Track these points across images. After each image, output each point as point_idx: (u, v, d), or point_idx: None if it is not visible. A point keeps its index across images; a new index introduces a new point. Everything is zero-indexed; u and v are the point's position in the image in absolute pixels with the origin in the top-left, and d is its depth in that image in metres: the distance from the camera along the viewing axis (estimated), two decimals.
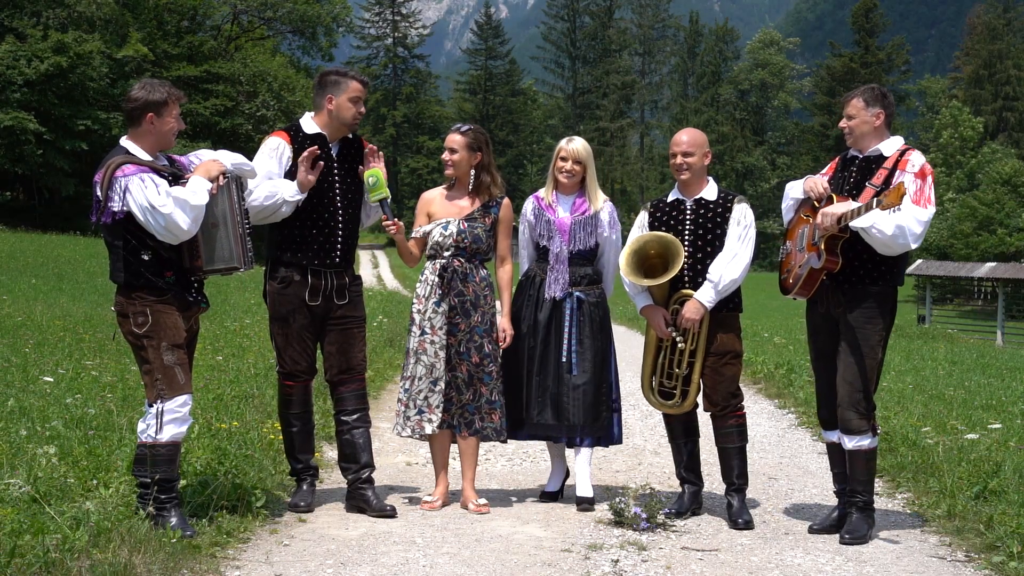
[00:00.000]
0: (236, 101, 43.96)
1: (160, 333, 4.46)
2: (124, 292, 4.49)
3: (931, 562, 4.55)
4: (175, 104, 4.55)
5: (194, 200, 4.39)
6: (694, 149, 5.28)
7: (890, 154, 4.89)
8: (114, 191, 4.35)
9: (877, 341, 4.89)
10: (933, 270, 39.98)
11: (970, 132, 63.24)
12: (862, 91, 5.02)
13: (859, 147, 5.01)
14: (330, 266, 5.20)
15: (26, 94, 36.41)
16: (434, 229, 5.40)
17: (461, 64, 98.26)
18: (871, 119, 4.94)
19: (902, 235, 4.68)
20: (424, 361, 5.30)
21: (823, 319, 5.05)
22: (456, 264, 5.34)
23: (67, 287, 17.72)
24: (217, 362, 8.93)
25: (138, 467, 4.44)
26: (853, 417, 4.87)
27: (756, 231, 5.35)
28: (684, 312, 5.18)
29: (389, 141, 74.94)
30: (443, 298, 5.30)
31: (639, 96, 78.28)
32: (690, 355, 5.24)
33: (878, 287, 4.88)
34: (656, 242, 5.22)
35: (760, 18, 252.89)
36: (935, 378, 11.58)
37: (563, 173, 5.52)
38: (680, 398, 5.30)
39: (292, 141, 5.17)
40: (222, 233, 4.57)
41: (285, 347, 5.24)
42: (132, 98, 4.51)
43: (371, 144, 5.35)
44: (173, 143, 4.63)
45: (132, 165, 4.40)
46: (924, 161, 4.84)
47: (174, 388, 4.46)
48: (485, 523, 5.07)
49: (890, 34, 78.91)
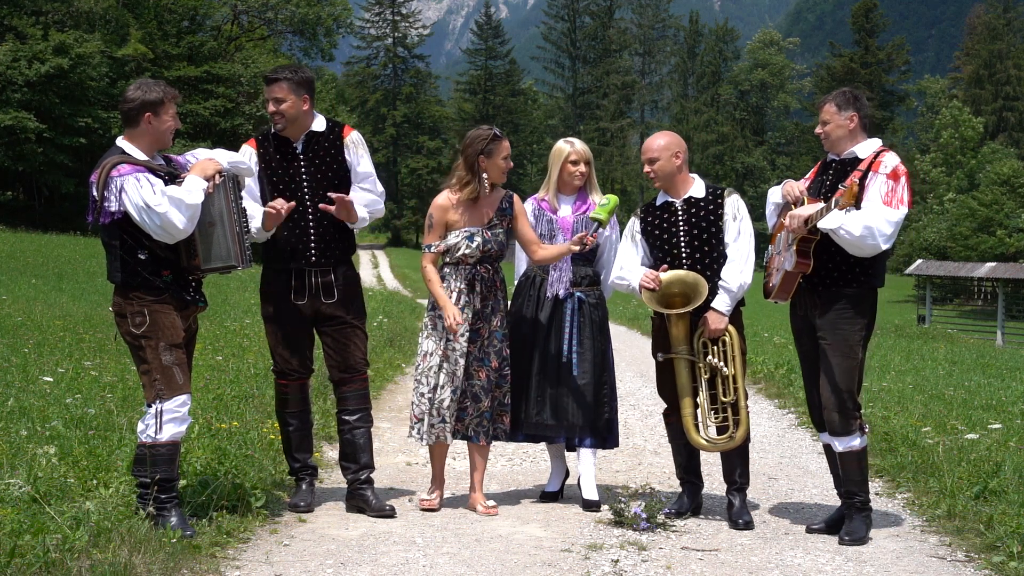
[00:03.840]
0: (236, 102, 43.94)
1: (158, 333, 4.45)
2: (122, 292, 4.49)
3: (931, 562, 4.55)
4: (171, 103, 4.54)
5: (189, 199, 4.38)
6: (658, 154, 5.22)
7: (865, 156, 4.89)
8: (110, 191, 4.35)
9: (856, 342, 4.87)
10: (933, 270, 39.98)
11: (970, 132, 63.24)
12: (834, 95, 5.02)
13: (835, 151, 5.01)
14: (307, 265, 5.16)
15: (26, 94, 36.41)
16: (459, 242, 5.26)
17: (461, 64, 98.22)
18: (845, 122, 4.94)
19: (871, 236, 4.68)
20: (447, 368, 5.24)
21: (803, 322, 5.06)
22: (483, 271, 5.29)
23: (67, 287, 17.71)
24: (217, 362, 8.93)
25: (138, 467, 4.44)
26: (838, 419, 4.86)
27: (757, 233, 5.33)
28: (707, 325, 5.11)
29: (389, 141, 74.99)
30: (468, 305, 5.25)
31: (639, 96, 78.24)
32: (733, 379, 5.10)
33: (853, 289, 4.86)
34: (679, 282, 5.13)
35: (760, 18, 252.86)
36: (935, 378, 11.58)
37: (576, 177, 5.50)
38: (734, 428, 5.12)
39: (258, 146, 5.20)
40: (219, 232, 4.55)
41: (275, 345, 5.26)
42: (128, 98, 4.50)
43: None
44: (170, 142, 4.62)
45: (128, 165, 4.39)
46: (898, 162, 4.82)
47: (173, 388, 4.45)
48: (485, 523, 5.07)
49: (890, 34, 78.88)
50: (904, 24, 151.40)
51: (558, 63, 79.19)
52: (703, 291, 5.07)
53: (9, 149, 36.28)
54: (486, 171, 5.25)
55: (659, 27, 79.49)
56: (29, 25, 37.64)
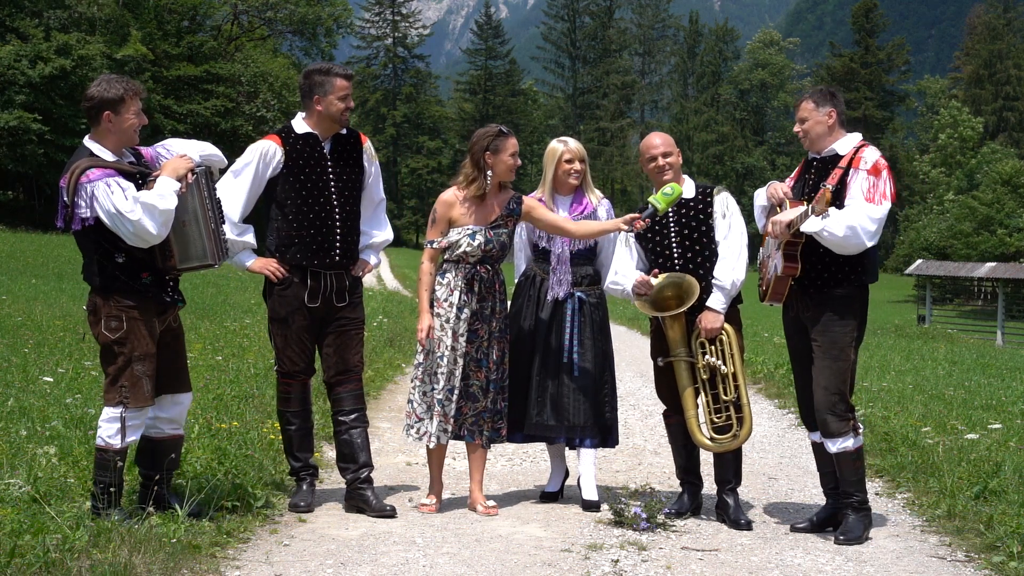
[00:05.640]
0: (236, 102, 43.96)
1: (133, 342, 4.40)
2: (100, 294, 4.41)
3: (931, 562, 4.55)
4: (133, 100, 4.42)
5: (162, 204, 4.29)
6: (671, 149, 5.27)
7: (845, 152, 4.89)
8: (80, 197, 4.27)
9: (848, 343, 4.87)
10: (933, 270, 39.99)
11: (970, 132, 63.26)
12: (811, 93, 5.03)
13: (815, 149, 5.01)
14: (330, 266, 5.18)
15: (28, 95, 36.41)
16: (460, 239, 5.24)
17: (461, 64, 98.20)
18: (823, 119, 4.94)
19: (855, 235, 4.67)
20: (444, 368, 5.22)
21: (794, 322, 5.06)
22: (482, 271, 5.29)
23: (67, 287, 17.71)
24: (217, 362, 8.93)
25: (100, 471, 4.39)
26: (832, 420, 4.86)
27: (751, 233, 5.33)
28: (704, 324, 5.11)
29: (389, 141, 74.98)
30: (467, 305, 5.25)
31: (639, 96, 78.26)
32: (733, 377, 5.10)
33: (843, 289, 4.86)
34: (671, 284, 5.14)
35: (760, 18, 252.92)
36: (935, 378, 11.58)
37: (572, 175, 5.50)
38: (737, 426, 5.13)
39: (284, 143, 5.16)
40: (193, 230, 4.49)
41: (284, 347, 5.24)
42: (87, 96, 4.40)
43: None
44: (136, 139, 4.53)
45: (97, 169, 4.30)
46: (878, 157, 4.82)
47: (138, 398, 4.41)
48: (485, 523, 5.07)
49: (890, 34, 78.96)
50: (904, 24, 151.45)
51: (558, 63, 79.21)
52: (695, 291, 5.08)
53: (11, 150, 36.28)
54: (492, 168, 5.24)
55: (659, 27, 79.53)
56: (32, 27, 37.65)
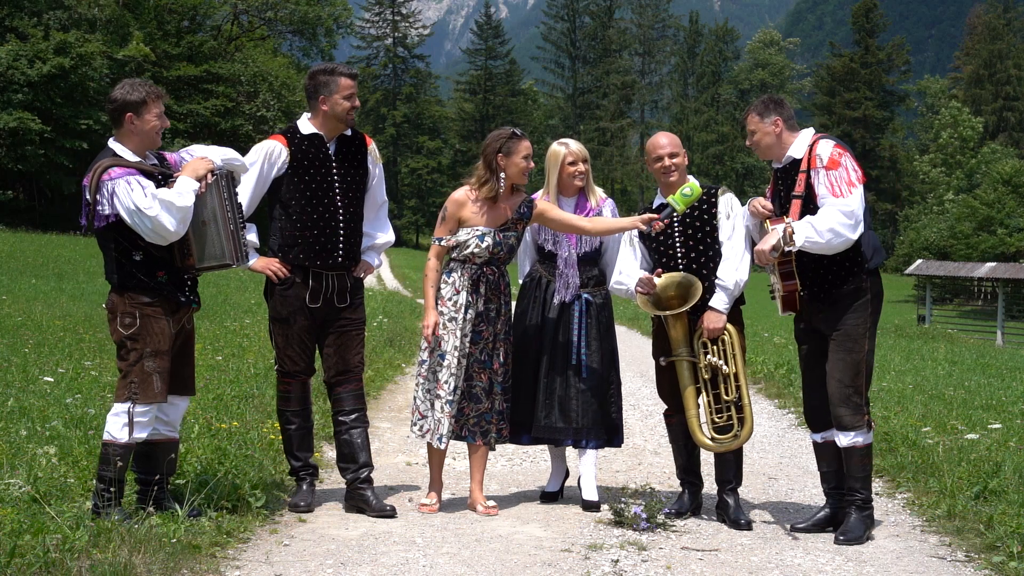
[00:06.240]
0: (236, 102, 43.93)
1: (145, 338, 4.45)
2: (117, 292, 4.51)
3: (931, 562, 4.55)
4: (155, 103, 4.52)
5: (180, 202, 4.38)
6: (677, 149, 5.28)
7: (801, 156, 4.91)
8: (102, 195, 4.36)
9: (861, 333, 4.88)
10: (933, 270, 39.97)
11: (970, 132, 63.26)
12: (755, 106, 5.07)
13: (771, 158, 5.06)
14: (332, 267, 5.19)
15: (28, 95, 36.38)
16: (469, 240, 5.24)
17: (461, 64, 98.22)
18: (770, 129, 4.98)
19: (836, 235, 4.71)
20: (448, 368, 5.21)
21: (806, 330, 5.08)
22: (488, 273, 5.29)
23: (67, 287, 17.72)
24: (217, 362, 8.93)
25: (104, 466, 4.42)
26: (845, 414, 4.87)
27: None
28: (706, 324, 5.12)
29: (389, 141, 74.94)
30: (471, 306, 5.24)
31: (639, 96, 78.25)
32: (734, 378, 5.10)
33: (849, 284, 4.88)
34: (674, 284, 5.16)
35: (760, 18, 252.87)
36: (935, 378, 11.58)
37: (577, 176, 5.49)
38: (738, 426, 5.13)
39: (289, 143, 5.17)
40: (212, 230, 4.57)
41: (285, 347, 5.24)
42: (111, 99, 4.52)
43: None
44: (159, 142, 4.61)
45: (119, 168, 4.40)
46: (831, 149, 4.83)
47: (147, 395, 4.44)
48: (485, 523, 5.07)
49: (890, 34, 78.95)
50: (904, 24, 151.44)
51: (558, 63, 79.22)
52: (697, 290, 5.08)
53: (11, 150, 36.26)
54: (505, 170, 5.24)
55: (659, 27, 79.53)
56: (31, 26, 37.62)
